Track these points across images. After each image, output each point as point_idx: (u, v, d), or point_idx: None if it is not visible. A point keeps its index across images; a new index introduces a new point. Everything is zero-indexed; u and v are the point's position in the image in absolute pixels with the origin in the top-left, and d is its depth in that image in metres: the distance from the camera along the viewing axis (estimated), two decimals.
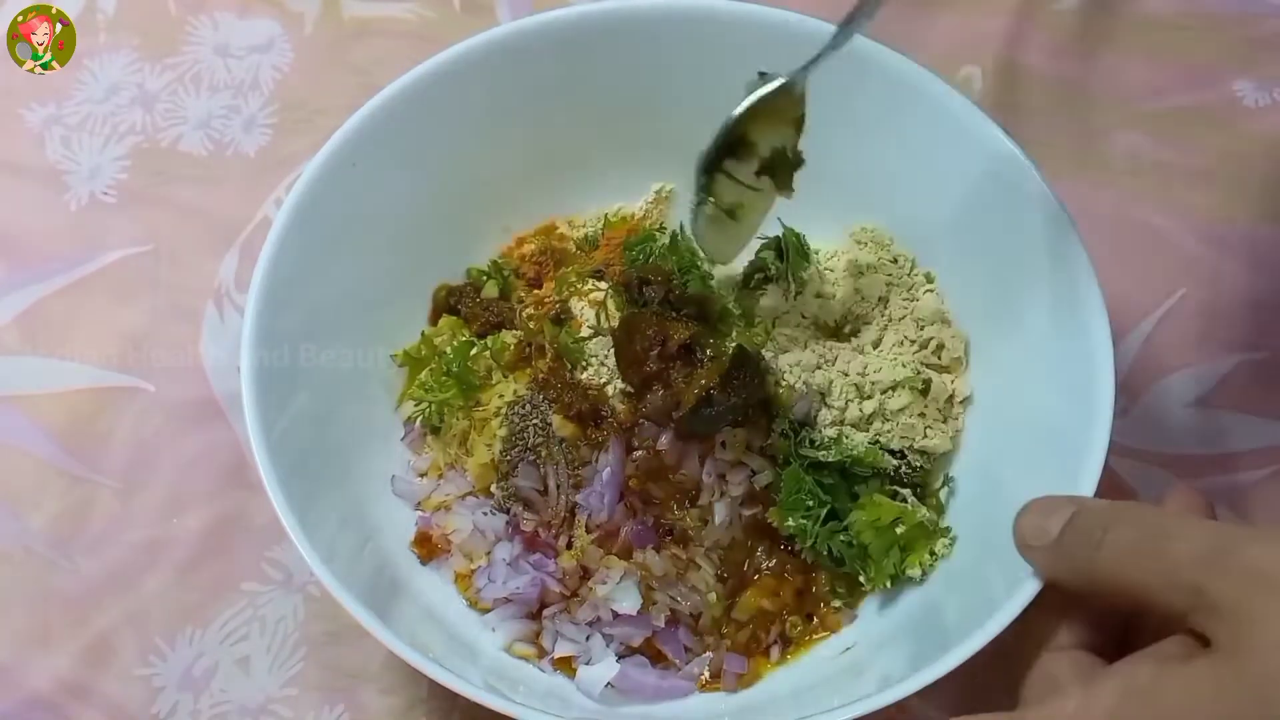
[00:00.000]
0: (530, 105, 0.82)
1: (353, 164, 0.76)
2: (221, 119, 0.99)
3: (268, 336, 0.70)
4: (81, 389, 0.87)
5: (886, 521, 0.72)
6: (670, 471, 0.74)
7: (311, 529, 0.65)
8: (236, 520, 0.82)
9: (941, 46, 0.99)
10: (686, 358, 0.74)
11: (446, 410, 0.79)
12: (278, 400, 0.69)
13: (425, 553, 0.77)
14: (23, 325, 0.90)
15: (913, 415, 0.76)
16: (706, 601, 0.73)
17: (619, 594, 0.72)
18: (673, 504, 0.74)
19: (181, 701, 0.76)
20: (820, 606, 0.75)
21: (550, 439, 0.75)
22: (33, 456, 0.85)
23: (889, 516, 0.72)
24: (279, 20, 1.04)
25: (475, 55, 0.78)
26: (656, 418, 0.73)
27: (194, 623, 0.79)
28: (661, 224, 0.88)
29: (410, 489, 0.79)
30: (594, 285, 0.80)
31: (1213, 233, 0.91)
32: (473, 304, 0.83)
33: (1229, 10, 1.01)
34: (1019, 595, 0.60)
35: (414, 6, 1.04)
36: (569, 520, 0.75)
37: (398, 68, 0.77)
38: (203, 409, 0.86)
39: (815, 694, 0.70)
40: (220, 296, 0.90)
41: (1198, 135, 0.96)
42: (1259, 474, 0.83)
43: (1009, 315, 0.75)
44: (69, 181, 0.96)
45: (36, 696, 0.77)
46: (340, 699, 0.77)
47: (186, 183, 0.96)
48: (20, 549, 0.82)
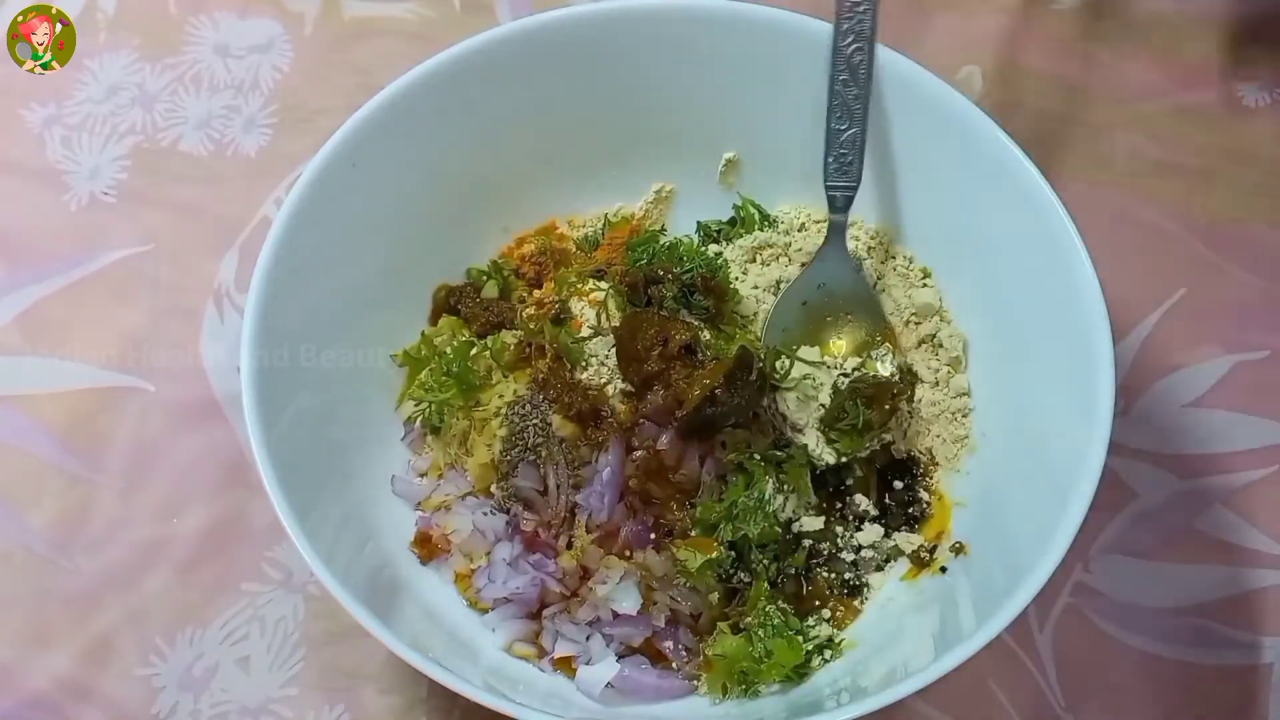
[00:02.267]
0: (530, 105, 0.82)
1: (353, 164, 0.75)
2: (221, 119, 0.99)
3: (267, 336, 0.70)
4: (81, 389, 0.87)
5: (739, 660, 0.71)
6: (670, 471, 0.74)
7: (311, 529, 0.65)
8: (236, 520, 0.82)
9: (941, 46, 0.99)
10: (687, 358, 0.74)
11: (446, 410, 0.79)
12: (278, 400, 0.69)
13: (425, 553, 0.77)
14: (23, 325, 0.90)
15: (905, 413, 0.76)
16: (707, 601, 0.73)
17: (619, 594, 0.72)
18: (673, 504, 0.74)
19: (181, 701, 0.77)
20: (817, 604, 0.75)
21: (550, 439, 0.75)
22: (33, 456, 0.85)
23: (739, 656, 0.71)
24: (279, 20, 1.04)
25: (475, 55, 0.78)
26: (657, 418, 0.73)
27: (194, 623, 0.79)
28: (662, 224, 0.88)
29: (410, 489, 0.79)
30: (594, 285, 0.80)
31: (1213, 233, 0.91)
32: (473, 304, 0.83)
33: (1229, 10, 1.01)
34: (1020, 594, 0.60)
35: (414, 6, 1.04)
36: (569, 520, 0.75)
37: (398, 68, 0.77)
38: (203, 409, 0.86)
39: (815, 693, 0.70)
40: (220, 296, 0.90)
41: (1198, 135, 0.96)
42: (1258, 474, 0.83)
43: (1008, 316, 0.75)
44: (69, 181, 0.96)
45: (36, 696, 0.77)
46: (340, 699, 0.77)
47: (186, 183, 0.96)
48: (20, 549, 0.82)
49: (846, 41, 0.74)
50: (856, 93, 0.75)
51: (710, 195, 0.88)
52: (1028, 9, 1.02)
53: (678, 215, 0.89)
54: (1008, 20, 1.02)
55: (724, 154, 0.86)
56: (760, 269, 0.83)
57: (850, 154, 0.75)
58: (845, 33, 0.74)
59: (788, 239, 0.84)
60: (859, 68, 0.74)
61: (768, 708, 0.70)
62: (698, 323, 0.77)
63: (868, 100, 0.75)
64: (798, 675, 0.71)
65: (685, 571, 0.71)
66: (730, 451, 0.74)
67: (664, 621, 0.73)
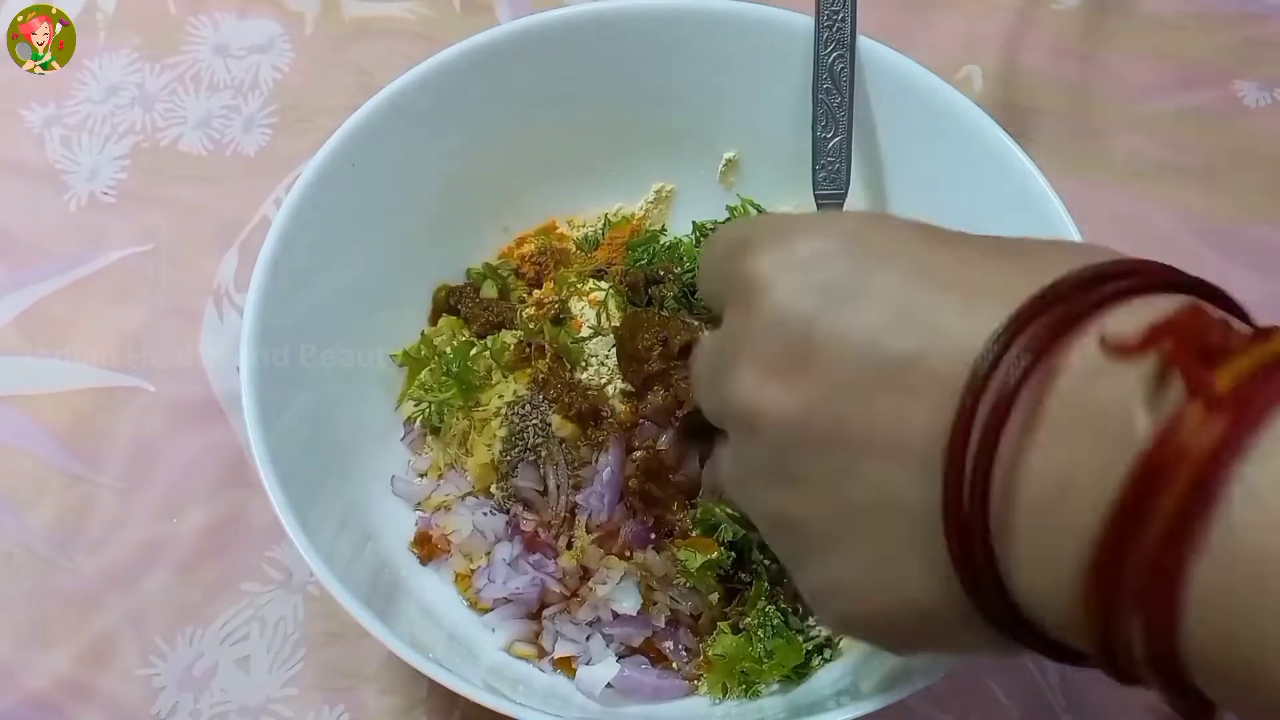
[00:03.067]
0: (530, 105, 0.82)
1: (352, 164, 0.75)
2: (221, 119, 0.99)
3: (267, 336, 0.70)
4: (81, 389, 0.87)
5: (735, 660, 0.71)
6: (670, 471, 0.74)
7: (311, 529, 0.65)
8: (236, 520, 0.82)
9: (941, 46, 0.99)
10: (688, 359, 0.74)
11: (446, 410, 0.79)
12: (277, 400, 0.69)
13: (425, 553, 0.77)
14: (23, 325, 0.90)
15: None
16: (707, 601, 0.73)
17: (619, 594, 0.72)
18: (673, 504, 0.74)
19: (181, 701, 0.76)
20: None
21: (550, 439, 0.75)
22: (33, 456, 0.85)
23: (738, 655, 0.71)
24: (279, 20, 1.04)
25: (475, 55, 0.78)
26: (657, 418, 0.73)
27: (194, 623, 0.79)
28: (663, 224, 0.88)
29: (410, 489, 0.79)
30: (594, 285, 0.80)
31: (1213, 233, 0.91)
32: (473, 304, 0.83)
33: (1229, 10, 1.01)
34: None
35: (414, 6, 1.04)
36: (569, 520, 0.75)
37: (398, 68, 0.77)
38: (203, 409, 0.86)
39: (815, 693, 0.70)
40: (220, 296, 0.90)
41: (1198, 135, 0.96)
42: None
43: None
44: (69, 181, 0.96)
45: (36, 696, 0.77)
46: (340, 699, 0.77)
47: (186, 183, 0.96)
48: (20, 549, 0.82)
49: (828, 50, 0.74)
50: (840, 100, 0.75)
51: (710, 195, 0.88)
52: (1028, 9, 1.02)
53: (678, 215, 0.89)
54: (1008, 20, 1.02)
55: (724, 154, 0.86)
56: None
57: (837, 161, 0.75)
58: (826, 41, 0.74)
59: None
60: (840, 75, 0.74)
61: (768, 708, 0.70)
62: (698, 323, 0.77)
63: (851, 107, 0.75)
64: (798, 675, 0.71)
65: (685, 571, 0.71)
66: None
67: (664, 621, 0.73)
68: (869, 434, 0.39)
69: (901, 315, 0.39)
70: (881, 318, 0.40)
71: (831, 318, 0.41)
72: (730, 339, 0.45)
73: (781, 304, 0.42)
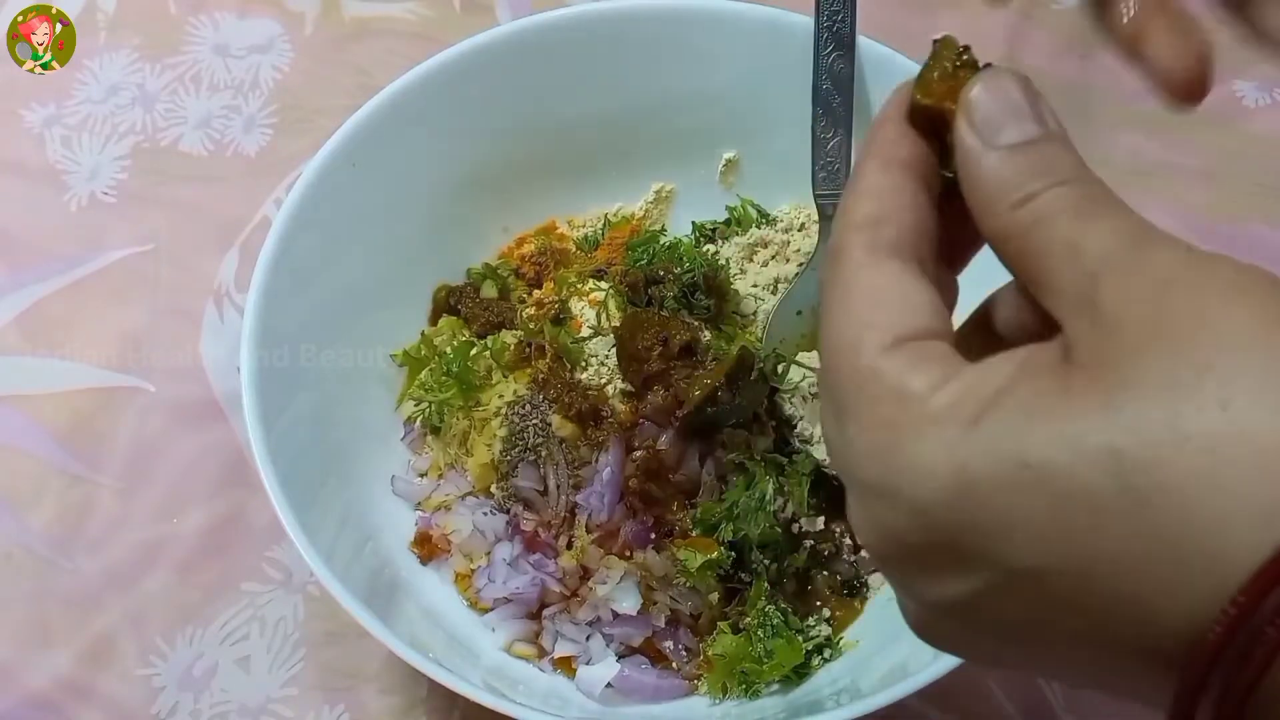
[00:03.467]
0: (530, 105, 0.82)
1: (352, 164, 0.76)
2: (221, 119, 0.99)
3: (268, 336, 0.70)
4: (81, 389, 0.87)
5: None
6: (670, 471, 0.74)
7: (311, 529, 0.65)
8: (236, 520, 0.82)
9: None
10: (688, 359, 0.74)
11: (446, 410, 0.79)
12: (278, 400, 0.69)
13: (425, 553, 0.77)
14: (23, 325, 0.89)
15: None
16: (707, 601, 0.73)
17: (619, 594, 0.72)
18: (673, 504, 0.74)
19: (181, 701, 0.76)
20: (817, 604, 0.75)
21: (550, 439, 0.75)
22: (33, 456, 0.85)
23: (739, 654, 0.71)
24: (279, 20, 1.03)
25: (475, 55, 0.78)
26: (657, 418, 0.73)
27: (194, 623, 0.79)
28: (663, 224, 0.88)
29: (410, 489, 0.79)
30: (594, 285, 0.80)
31: (1213, 233, 0.91)
32: (473, 304, 0.83)
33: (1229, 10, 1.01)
34: None
35: (414, 6, 1.04)
36: (569, 520, 0.75)
37: (398, 68, 0.77)
38: (203, 409, 0.86)
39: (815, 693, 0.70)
40: (220, 296, 0.90)
41: (1198, 135, 0.96)
42: None
43: None
44: (69, 181, 0.96)
45: (36, 696, 0.77)
46: (340, 699, 0.77)
47: (186, 183, 0.96)
48: (20, 549, 0.82)
49: (828, 50, 0.74)
50: (840, 100, 0.75)
51: (710, 195, 0.88)
52: (1028, 9, 1.02)
53: (678, 215, 0.89)
54: (1008, 20, 1.02)
55: (724, 154, 0.86)
56: (759, 269, 0.83)
57: (837, 161, 0.75)
58: (826, 41, 0.74)
59: (786, 237, 0.84)
60: (840, 75, 0.74)
61: (768, 708, 0.70)
62: (698, 323, 0.77)
63: (851, 107, 0.74)
64: (798, 675, 0.71)
65: (685, 571, 0.71)
66: (731, 452, 0.74)
67: (664, 621, 0.73)
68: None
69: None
70: None
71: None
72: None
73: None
